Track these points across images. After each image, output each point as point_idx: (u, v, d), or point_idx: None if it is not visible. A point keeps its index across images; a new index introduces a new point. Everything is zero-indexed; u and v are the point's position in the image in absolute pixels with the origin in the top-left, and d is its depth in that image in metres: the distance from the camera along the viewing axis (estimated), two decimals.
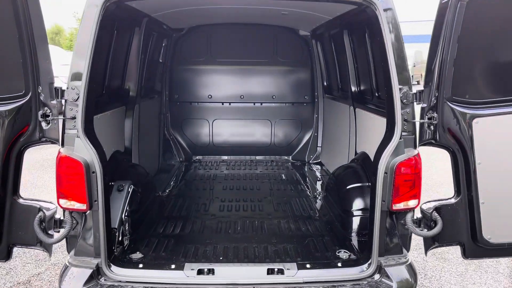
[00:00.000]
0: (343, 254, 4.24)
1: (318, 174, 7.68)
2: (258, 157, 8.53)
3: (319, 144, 8.37)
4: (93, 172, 3.70)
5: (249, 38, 8.05)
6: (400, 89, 3.77)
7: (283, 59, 8.13)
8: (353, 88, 6.02)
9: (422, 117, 3.89)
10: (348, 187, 5.01)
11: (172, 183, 6.93)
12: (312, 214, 5.41)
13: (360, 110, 5.74)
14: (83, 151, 3.69)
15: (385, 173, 3.81)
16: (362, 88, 5.89)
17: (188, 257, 4.14)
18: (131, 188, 4.69)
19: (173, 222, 5.07)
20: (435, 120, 3.84)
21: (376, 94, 5.13)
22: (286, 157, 8.54)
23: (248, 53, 8.07)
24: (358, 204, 4.82)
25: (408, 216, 3.90)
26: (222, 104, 8.23)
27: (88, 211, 3.76)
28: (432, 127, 3.91)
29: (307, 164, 8.30)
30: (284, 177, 7.30)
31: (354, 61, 5.91)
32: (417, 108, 3.96)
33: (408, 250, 4.16)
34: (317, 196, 6.20)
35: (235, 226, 4.99)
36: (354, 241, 4.60)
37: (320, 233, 4.81)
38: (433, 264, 6.15)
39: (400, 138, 3.80)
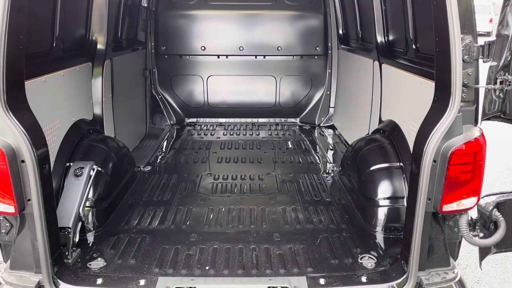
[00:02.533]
0: (368, 262, 3.22)
1: (330, 140, 6.57)
2: (260, 120, 7.40)
3: (332, 104, 7.19)
4: (23, 161, 2.64)
5: None
6: (461, 39, 2.57)
7: (290, 2, 6.77)
8: (380, 38, 4.75)
9: (490, 80, 2.72)
10: (372, 168, 3.92)
11: (158, 153, 5.87)
12: (325, 198, 4.37)
13: (388, 66, 4.51)
14: (5, 132, 2.61)
15: (434, 161, 2.70)
16: (392, 38, 4.62)
17: (164, 266, 3.15)
18: (94, 170, 3.64)
19: (151, 210, 4.06)
20: (509, 84, 2.68)
21: (414, 46, 3.89)
22: (293, 120, 7.40)
23: None
24: (385, 191, 3.76)
25: (463, 220, 2.84)
26: (218, 57, 6.99)
27: (20, 213, 2.74)
28: (501, 95, 2.75)
29: (318, 128, 7.18)
30: (290, 145, 6.21)
31: (383, 2, 4.60)
32: (482, 68, 2.78)
33: (455, 258, 3.15)
34: (331, 171, 5.13)
35: (229, 216, 3.97)
36: (380, 238, 3.58)
37: (336, 226, 3.79)
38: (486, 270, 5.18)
39: (458, 112, 2.64)
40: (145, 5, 6.52)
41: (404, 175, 3.73)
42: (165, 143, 6.39)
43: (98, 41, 4.64)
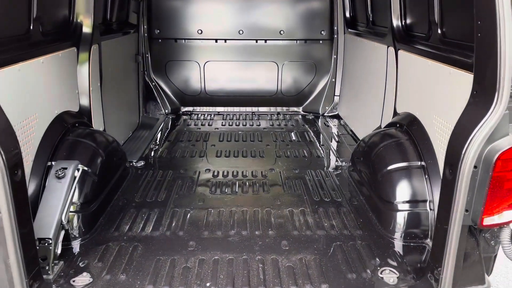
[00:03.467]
0: (389, 276, 2.86)
1: (335, 131, 6.17)
2: (261, 109, 6.97)
3: (337, 92, 6.76)
4: None
5: None
6: None
7: None
8: (396, 22, 4.30)
9: None
10: (390, 168, 3.52)
11: (152, 145, 5.45)
12: (335, 198, 3.99)
13: (405, 53, 4.08)
14: None
15: (475, 167, 2.30)
16: (411, 21, 4.18)
17: (158, 283, 2.77)
18: (78, 171, 3.23)
19: (144, 213, 3.66)
20: None
21: (440, 31, 3.45)
22: (295, 109, 6.98)
23: None
24: (405, 193, 3.38)
25: (505, 234, 2.47)
26: (216, 41, 6.51)
27: None
28: None
29: (322, 118, 6.77)
30: (294, 137, 5.80)
31: None
32: None
33: (489, 274, 2.79)
34: (339, 167, 4.74)
35: (231, 220, 3.58)
36: (399, 246, 3.22)
37: (350, 232, 3.41)
38: None
39: (506, 110, 2.24)
40: None
41: (426, 176, 3.35)
42: (159, 134, 5.96)
43: (84, 24, 4.16)
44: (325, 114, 6.83)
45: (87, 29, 4.17)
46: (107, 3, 5.16)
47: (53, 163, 3.27)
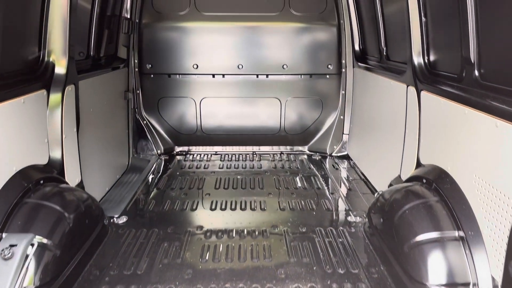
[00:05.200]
0: None
1: (345, 174, 5.53)
2: (263, 148, 6.37)
3: (346, 131, 6.16)
4: None
5: None
6: None
7: (298, 13, 5.78)
8: (418, 59, 3.72)
9: None
10: (420, 239, 2.86)
11: (138, 194, 4.82)
12: (351, 268, 3.31)
13: (431, 95, 3.48)
14: None
15: None
16: (437, 58, 3.60)
17: None
18: (33, 246, 2.59)
19: None
20: None
21: (478, 72, 2.85)
22: (301, 148, 6.38)
23: (248, 4, 5.73)
24: (441, 274, 2.71)
25: None
26: (213, 76, 5.98)
27: None
28: None
29: (330, 158, 6.15)
30: (299, 183, 5.16)
31: (422, 11, 3.58)
32: None
33: None
34: (353, 224, 4.07)
35: None
36: None
37: None
38: None
39: None
40: (127, 17, 5.53)
41: (467, 251, 2.69)
42: (149, 179, 5.34)
43: (56, 63, 3.60)
44: (333, 154, 6.22)
45: (60, 68, 3.62)
46: (91, 37, 4.65)
47: (3, 235, 2.64)
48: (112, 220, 4.09)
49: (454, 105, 3.03)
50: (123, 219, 4.14)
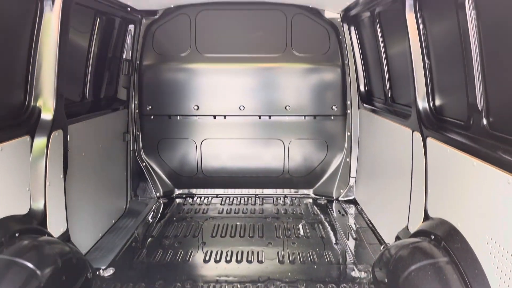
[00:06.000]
0: None
1: (352, 221, 5.21)
2: (266, 191, 6.11)
3: (353, 174, 5.87)
4: None
5: (251, 23, 5.62)
6: None
7: (300, 53, 5.66)
8: (422, 103, 3.49)
9: None
10: None
11: (130, 242, 4.57)
12: None
13: (437, 143, 3.21)
14: None
15: None
16: (442, 102, 3.36)
17: None
18: None
19: None
20: None
21: (486, 121, 2.60)
22: (305, 191, 6.10)
23: (250, 46, 5.65)
24: None
25: None
26: (214, 118, 5.83)
27: None
28: None
29: (336, 202, 5.84)
30: (301, 232, 4.85)
31: (425, 54, 3.38)
32: None
33: None
34: (357, 280, 3.73)
35: None
36: None
37: None
38: None
39: None
40: (128, 58, 5.49)
41: None
42: (145, 225, 5.10)
43: (43, 108, 3.48)
44: (339, 199, 5.90)
45: (47, 114, 3.49)
46: (89, 79, 4.58)
47: None
48: (98, 273, 3.84)
49: (462, 156, 2.76)
50: (110, 271, 3.88)
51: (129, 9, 5.06)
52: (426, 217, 3.35)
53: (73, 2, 3.56)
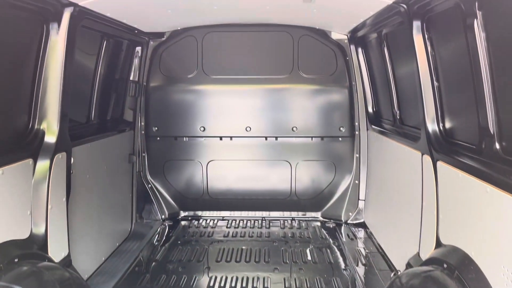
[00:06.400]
0: None
1: (362, 246, 5.06)
2: (273, 214, 6.00)
3: (362, 196, 5.74)
4: None
5: (258, 45, 5.62)
6: None
7: (307, 75, 5.63)
8: (431, 126, 3.40)
9: None
10: None
11: (133, 266, 4.48)
12: None
13: (448, 167, 3.11)
14: None
15: None
16: (452, 125, 3.27)
17: None
18: None
19: None
20: None
21: (499, 145, 2.50)
22: (313, 214, 5.97)
23: (256, 67, 5.64)
24: None
25: None
26: (221, 139, 5.78)
27: None
28: None
29: (345, 226, 5.70)
30: (309, 257, 4.72)
31: (434, 75, 3.31)
32: None
33: None
34: None
35: None
36: None
37: None
38: None
39: None
40: (135, 80, 5.50)
41: None
42: (149, 248, 5.01)
43: (46, 131, 3.46)
44: (348, 222, 5.76)
45: (50, 136, 3.46)
46: (92, 101, 4.58)
47: None
48: None
49: (475, 181, 2.65)
50: None
51: (136, 31, 5.10)
52: (438, 243, 3.22)
53: (80, 25, 3.58)
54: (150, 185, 5.86)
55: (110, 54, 4.78)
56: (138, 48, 5.45)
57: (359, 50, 5.38)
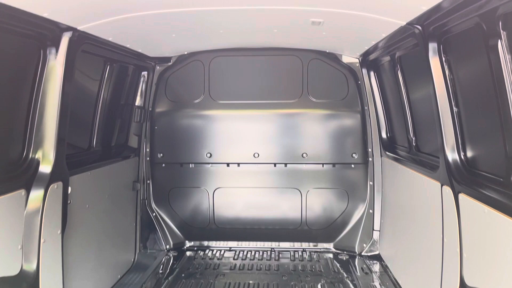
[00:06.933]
0: None
1: (377, 280, 4.73)
2: (282, 244, 5.70)
3: (376, 227, 5.43)
4: None
5: (266, 69, 5.46)
6: None
7: (317, 99, 5.43)
8: (451, 154, 3.14)
9: None
10: None
11: None
12: None
13: (472, 201, 2.83)
14: None
15: None
16: (474, 154, 3.01)
17: None
18: None
19: None
20: None
21: None
22: (325, 245, 5.66)
23: (264, 92, 5.47)
24: None
25: None
26: (228, 165, 5.57)
27: None
28: None
29: (359, 258, 5.37)
30: None
31: (453, 100, 3.07)
32: None
33: None
34: None
35: None
36: None
37: None
38: None
39: None
40: (140, 105, 5.37)
41: None
42: (151, 282, 4.75)
43: (41, 159, 3.30)
44: (362, 254, 5.43)
45: (45, 166, 3.30)
46: (94, 127, 4.44)
47: None
48: None
49: (502, 217, 2.37)
50: None
51: (141, 56, 4.99)
52: (463, 285, 2.91)
53: (79, 50, 3.46)
54: (154, 214, 5.65)
55: (114, 79, 4.67)
56: (144, 73, 5.35)
57: (371, 73, 5.18)
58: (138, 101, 5.37)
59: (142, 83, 5.37)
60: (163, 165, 5.60)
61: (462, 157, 3.07)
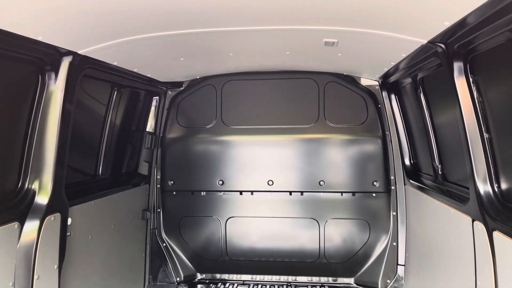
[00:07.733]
0: None
1: None
2: (299, 279, 5.33)
3: (401, 261, 5.00)
4: None
5: (281, 93, 5.24)
6: None
7: (335, 124, 5.15)
8: (482, 186, 2.79)
9: None
10: None
11: None
12: None
13: (508, 241, 2.46)
14: None
15: None
16: (510, 186, 2.65)
17: None
18: None
19: None
20: None
21: None
22: (346, 280, 5.26)
23: (279, 116, 5.23)
24: None
25: None
26: (241, 193, 5.31)
27: None
28: None
29: None
30: None
31: (483, 125, 2.75)
32: None
33: None
34: None
35: None
36: None
37: None
38: None
39: None
40: (151, 131, 5.23)
41: None
42: None
43: (38, 190, 3.13)
44: None
45: (42, 197, 3.12)
46: (100, 155, 4.28)
47: None
48: None
49: None
50: None
51: (151, 81, 4.87)
52: None
53: (81, 75, 3.33)
54: (165, 244, 5.40)
55: (123, 104, 4.55)
56: (156, 98, 5.22)
57: (392, 96, 4.88)
58: (149, 127, 5.22)
59: (154, 108, 5.24)
60: (174, 193, 5.39)
61: (496, 188, 2.72)
